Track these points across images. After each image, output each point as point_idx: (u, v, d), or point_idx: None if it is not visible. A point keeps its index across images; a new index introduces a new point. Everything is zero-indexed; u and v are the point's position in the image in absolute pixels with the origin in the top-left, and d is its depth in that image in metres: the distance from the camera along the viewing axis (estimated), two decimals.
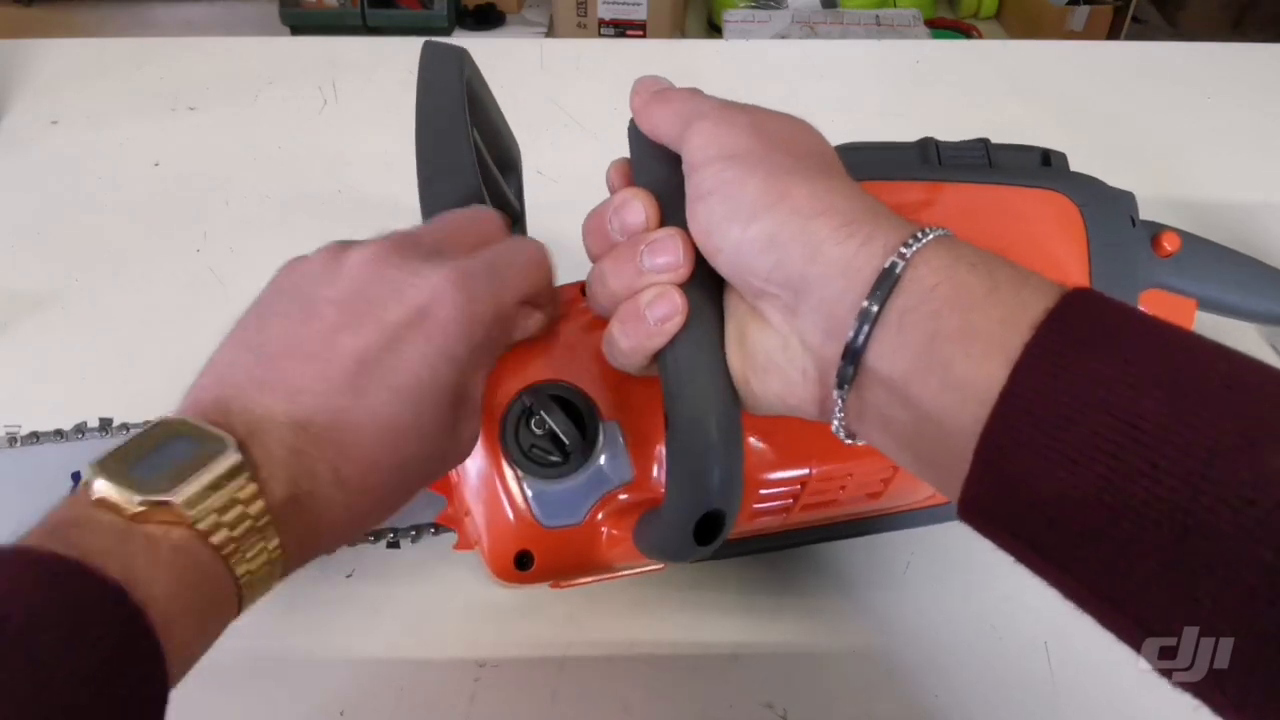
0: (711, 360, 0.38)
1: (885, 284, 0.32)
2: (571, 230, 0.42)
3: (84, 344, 0.69)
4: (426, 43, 0.49)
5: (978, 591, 0.55)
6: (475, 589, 0.55)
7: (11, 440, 0.52)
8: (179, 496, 0.30)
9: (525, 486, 0.46)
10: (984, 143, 0.50)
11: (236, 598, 0.32)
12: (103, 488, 0.30)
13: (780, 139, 0.37)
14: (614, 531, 0.46)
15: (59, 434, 0.53)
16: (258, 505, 0.32)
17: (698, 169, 0.37)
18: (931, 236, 0.32)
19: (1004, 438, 0.29)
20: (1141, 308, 0.53)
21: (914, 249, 0.32)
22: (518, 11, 2.63)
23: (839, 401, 0.34)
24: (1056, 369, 0.28)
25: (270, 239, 0.78)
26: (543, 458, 0.46)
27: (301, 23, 2.46)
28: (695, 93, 0.40)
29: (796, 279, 0.34)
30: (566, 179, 0.82)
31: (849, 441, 0.36)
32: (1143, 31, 2.55)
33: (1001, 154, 0.50)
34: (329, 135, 0.90)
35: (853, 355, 0.33)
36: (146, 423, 0.33)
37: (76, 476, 0.50)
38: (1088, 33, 2.46)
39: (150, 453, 0.31)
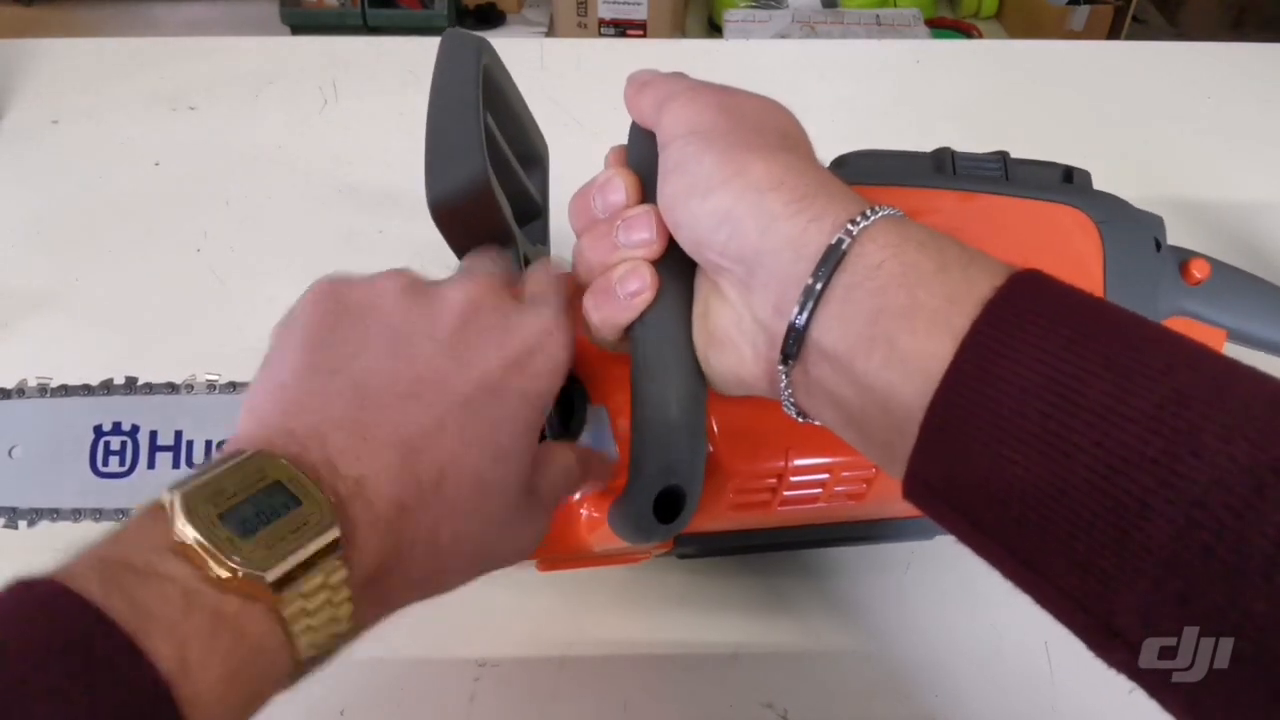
0: (678, 338, 0.38)
1: (831, 260, 0.32)
2: (568, 227, 0.43)
3: (84, 344, 0.69)
4: (447, 31, 0.49)
5: (978, 591, 0.55)
6: (475, 589, 0.55)
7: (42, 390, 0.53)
8: (273, 574, 0.27)
9: None
10: (1002, 156, 0.49)
11: (289, 676, 0.29)
12: (186, 532, 0.27)
13: (747, 117, 0.37)
14: (594, 514, 0.46)
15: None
16: (343, 589, 0.29)
17: (665, 146, 0.38)
18: (881, 215, 0.33)
19: (949, 414, 0.29)
20: None
21: (861, 226, 0.32)
22: (518, 11, 2.63)
23: (784, 377, 0.35)
24: (1003, 346, 0.28)
25: (271, 239, 0.78)
26: None
27: (302, 22, 2.46)
28: (676, 76, 0.41)
29: (749, 254, 0.34)
30: (567, 179, 0.82)
31: (799, 419, 0.37)
32: (1143, 31, 2.55)
33: (1020, 168, 0.49)
34: (329, 135, 0.90)
35: (796, 330, 0.33)
36: (240, 453, 0.30)
37: (98, 430, 0.50)
38: (1088, 32, 2.46)
39: (245, 499, 0.28)
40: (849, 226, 0.32)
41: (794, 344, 0.33)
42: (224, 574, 0.27)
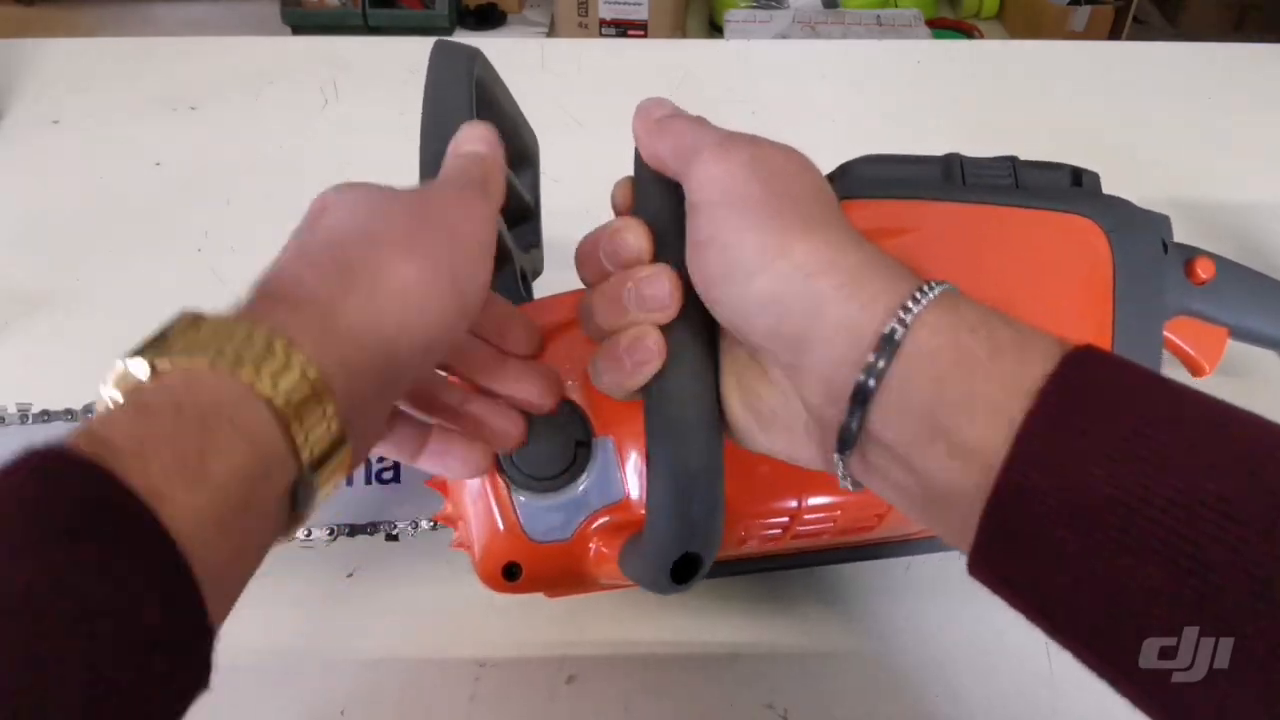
0: (696, 405, 0.37)
1: (886, 350, 0.31)
2: (573, 230, 0.42)
3: (84, 344, 0.69)
4: (438, 42, 0.48)
5: (978, 592, 0.55)
6: (475, 589, 0.55)
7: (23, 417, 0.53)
8: (167, 330, 0.31)
9: (515, 500, 0.46)
10: (1011, 161, 0.48)
11: (278, 456, 0.29)
12: (117, 366, 0.30)
13: (780, 179, 0.35)
14: (602, 549, 0.46)
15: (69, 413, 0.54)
16: (276, 339, 0.31)
17: (697, 211, 0.36)
18: (933, 295, 0.32)
19: (1008, 509, 0.28)
20: (1170, 335, 0.51)
21: (914, 313, 0.31)
22: (519, 11, 2.63)
23: (840, 463, 0.34)
24: (1059, 437, 0.28)
25: (272, 238, 0.78)
26: (533, 474, 0.46)
27: (303, 22, 2.46)
28: (698, 123, 0.38)
29: (798, 339, 0.33)
30: (568, 179, 0.82)
31: (856, 490, 0.36)
32: (1144, 32, 2.55)
33: (1029, 173, 0.48)
34: (330, 135, 0.90)
35: (853, 422, 0.32)
36: None
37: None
38: (1089, 33, 2.46)
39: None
40: (902, 313, 0.31)
41: (850, 437, 0.33)
42: (131, 364, 0.30)
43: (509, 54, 0.56)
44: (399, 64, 0.97)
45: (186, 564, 0.25)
